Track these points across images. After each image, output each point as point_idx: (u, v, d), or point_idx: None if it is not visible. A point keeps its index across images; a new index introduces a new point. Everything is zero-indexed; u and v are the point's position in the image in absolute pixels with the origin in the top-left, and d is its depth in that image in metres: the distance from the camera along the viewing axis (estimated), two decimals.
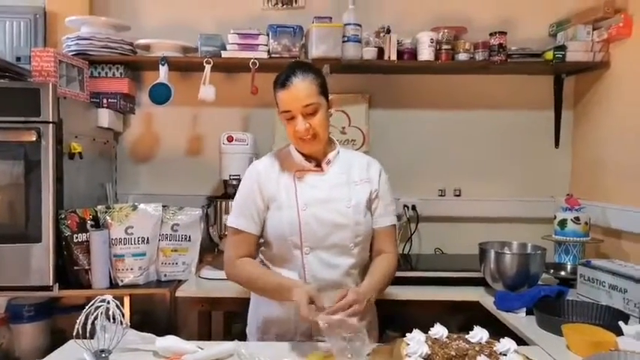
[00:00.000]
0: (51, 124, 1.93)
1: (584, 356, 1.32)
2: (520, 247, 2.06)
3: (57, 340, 1.60)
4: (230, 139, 2.28)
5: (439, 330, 1.25)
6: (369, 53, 2.37)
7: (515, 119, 2.65)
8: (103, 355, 1.26)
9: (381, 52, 2.38)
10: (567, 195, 2.35)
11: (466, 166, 2.66)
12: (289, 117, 1.50)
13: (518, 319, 1.69)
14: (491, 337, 1.22)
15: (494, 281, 1.94)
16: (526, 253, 2.00)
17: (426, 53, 2.37)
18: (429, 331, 1.25)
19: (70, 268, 1.98)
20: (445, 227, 2.65)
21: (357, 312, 1.33)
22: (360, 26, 2.35)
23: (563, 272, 2.14)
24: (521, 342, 1.51)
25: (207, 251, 2.35)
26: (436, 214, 2.63)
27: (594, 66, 2.39)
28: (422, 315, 1.67)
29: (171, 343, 1.36)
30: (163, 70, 2.37)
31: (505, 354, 1.15)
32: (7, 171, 1.94)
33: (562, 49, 2.36)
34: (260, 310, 1.62)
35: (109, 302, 1.28)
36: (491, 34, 2.38)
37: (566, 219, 2.22)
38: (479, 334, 1.22)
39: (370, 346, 1.31)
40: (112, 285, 2.03)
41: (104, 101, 2.42)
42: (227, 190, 2.32)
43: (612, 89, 2.34)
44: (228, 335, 2.34)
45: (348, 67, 2.39)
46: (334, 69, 2.35)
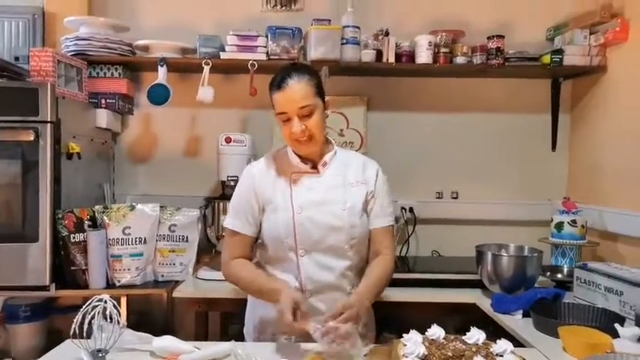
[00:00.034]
0: (49, 124, 1.93)
1: (581, 358, 1.33)
2: (517, 250, 2.07)
3: (53, 340, 1.59)
4: (228, 141, 2.29)
5: (436, 331, 1.25)
6: (368, 56, 2.37)
7: (512, 122, 2.66)
8: (100, 354, 1.26)
9: (379, 54, 2.39)
10: (564, 198, 2.35)
11: (463, 169, 2.67)
12: (285, 119, 1.50)
13: (515, 321, 1.69)
14: (487, 339, 1.23)
15: (491, 283, 1.94)
16: (523, 256, 2.01)
17: (424, 56, 2.38)
18: (425, 333, 1.25)
19: (67, 268, 1.98)
20: (442, 229, 2.66)
21: (351, 317, 1.32)
22: (358, 29, 2.35)
23: (559, 275, 2.15)
24: (518, 344, 1.51)
25: (205, 252, 2.34)
26: (433, 216, 2.63)
27: (591, 70, 2.40)
28: (419, 317, 1.67)
29: (168, 343, 1.37)
30: (162, 70, 2.37)
31: (502, 355, 1.15)
32: (5, 170, 1.93)
33: (559, 53, 2.37)
34: (257, 310, 1.62)
35: (106, 302, 1.28)
36: (489, 38, 2.39)
37: (562, 222, 2.22)
38: (475, 336, 1.22)
39: (363, 348, 1.30)
40: (109, 285, 2.02)
41: (102, 101, 2.42)
42: (225, 191, 2.31)
43: (609, 93, 2.35)
44: (225, 336, 2.34)
45: (347, 69, 2.40)
46: (333, 71, 2.35)
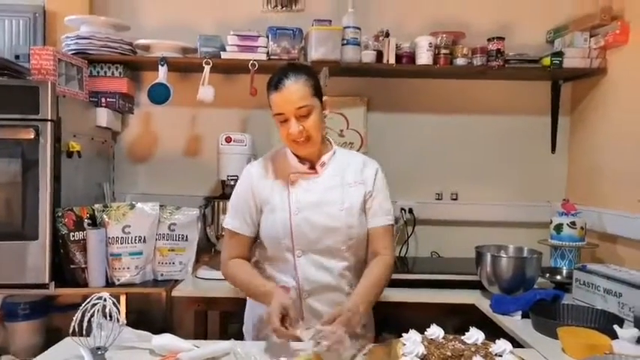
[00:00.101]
0: (49, 123, 1.93)
1: (579, 359, 1.33)
2: (516, 251, 2.07)
3: (52, 338, 1.59)
4: (228, 140, 2.29)
5: (435, 331, 1.25)
6: (368, 56, 2.37)
7: (512, 124, 2.67)
8: (99, 352, 1.25)
9: (379, 55, 2.39)
10: (563, 200, 2.36)
11: (463, 171, 2.67)
12: (282, 119, 1.49)
13: (514, 322, 1.70)
14: (486, 340, 1.23)
15: (490, 284, 1.94)
16: (522, 257, 2.01)
17: (424, 57, 2.38)
18: (425, 333, 1.25)
19: (66, 266, 1.98)
20: (442, 231, 2.66)
21: (344, 322, 1.32)
22: (359, 29, 2.36)
23: (558, 276, 2.15)
24: (517, 345, 1.51)
25: (204, 251, 2.34)
26: (433, 217, 2.63)
27: (591, 72, 2.41)
28: (418, 317, 1.66)
29: (167, 341, 1.37)
30: (162, 70, 2.37)
31: (501, 355, 1.15)
32: (5, 169, 1.93)
33: (559, 55, 2.38)
34: (256, 309, 1.62)
35: (105, 299, 1.28)
36: (489, 40, 2.40)
37: (562, 224, 2.23)
38: (475, 336, 1.22)
39: (353, 349, 1.30)
40: (109, 284, 2.02)
41: (103, 100, 2.42)
42: (225, 190, 2.31)
43: (609, 96, 2.35)
44: (224, 335, 2.34)
45: (347, 70, 2.40)
46: (333, 72, 2.35)
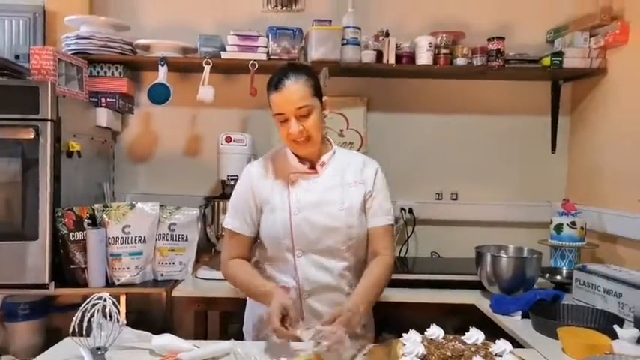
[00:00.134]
0: (49, 123, 1.93)
1: (579, 359, 1.33)
2: (516, 251, 2.07)
3: (52, 338, 1.59)
4: (228, 140, 2.29)
5: (435, 331, 1.25)
6: (368, 56, 2.37)
7: (512, 124, 2.67)
8: (99, 352, 1.25)
9: (379, 55, 2.39)
10: (563, 200, 2.36)
11: (463, 171, 2.67)
12: (282, 119, 1.49)
13: (514, 322, 1.70)
14: (486, 340, 1.23)
15: (490, 284, 1.94)
16: (522, 257, 2.01)
17: (424, 57, 2.38)
18: (425, 332, 1.26)
19: (66, 266, 1.98)
20: (442, 231, 2.66)
21: (344, 322, 1.31)
22: (359, 29, 2.36)
23: (558, 276, 2.15)
24: (517, 345, 1.51)
25: (204, 251, 2.34)
26: (433, 217, 2.63)
27: (591, 72, 2.41)
28: (418, 317, 1.66)
29: (167, 341, 1.37)
30: (163, 70, 2.37)
31: (501, 355, 1.15)
32: (5, 168, 1.93)
33: (559, 55, 2.38)
34: (256, 309, 1.62)
35: (105, 299, 1.28)
36: (489, 40, 2.40)
37: (562, 224, 2.23)
38: (475, 335, 1.22)
39: (353, 349, 1.30)
40: (109, 284, 2.02)
41: (103, 100, 2.42)
42: (225, 190, 2.31)
43: (609, 96, 2.35)
44: (224, 335, 2.34)
45: (347, 70, 2.40)
46: (333, 72, 2.35)
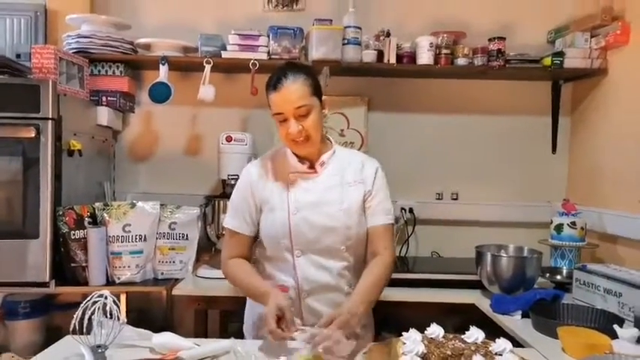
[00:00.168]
0: (50, 121, 1.94)
1: (579, 359, 1.33)
2: (516, 251, 2.07)
3: (52, 336, 1.59)
4: (229, 139, 2.29)
5: (435, 330, 1.25)
6: (369, 56, 2.38)
7: (512, 124, 2.67)
8: (100, 350, 1.26)
9: (380, 55, 2.39)
10: (564, 200, 2.36)
11: (464, 170, 2.67)
12: (282, 119, 1.49)
13: (514, 322, 1.70)
14: (486, 339, 1.23)
15: (490, 284, 1.95)
16: (522, 257, 2.01)
17: (425, 57, 2.38)
18: (425, 332, 1.26)
19: (66, 264, 1.98)
20: (442, 230, 2.66)
21: (341, 324, 1.32)
22: (360, 29, 2.36)
23: (559, 276, 2.15)
24: (517, 344, 1.51)
25: (205, 250, 2.34)
26: (433, 217, 2.64)
27: (592, 73, 2.41)
28: (418, 317, 1.66)
29: (167, 339, 1.37)
30: (163, 69, 2.37)
31: (501, 354, 1.15)
32: (6, 167, 1.93)
33: (560, 55, 2.38)
34: (256, 308, 1.62)
35: (106, 297, 1.28)
36: (490, 40, 2.40)
37: (562, 224, 2.23)
38: (475, 335, 1.22)
39: (349, 347, 1.30)
40: (109, 282, 2.02)
41: (104, 99, 2.42)
42: (225, 189, 2.31)
43: (609, 96, 2.35)
44: (224, 334, 2.34)
45: (348, 69, 2.40)
46: (334, 71, 2.35)
